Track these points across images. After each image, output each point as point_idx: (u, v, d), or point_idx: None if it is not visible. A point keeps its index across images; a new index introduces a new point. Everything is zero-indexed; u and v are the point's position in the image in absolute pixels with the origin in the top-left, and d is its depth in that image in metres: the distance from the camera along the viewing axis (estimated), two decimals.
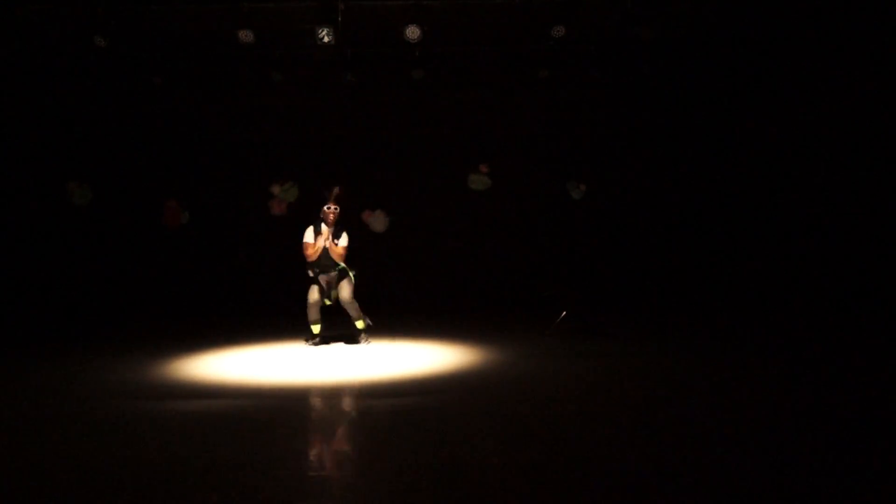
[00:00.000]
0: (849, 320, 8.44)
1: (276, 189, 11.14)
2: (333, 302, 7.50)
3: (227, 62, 8.99)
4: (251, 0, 7.42)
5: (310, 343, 7.51)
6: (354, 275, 7.45)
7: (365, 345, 7.50)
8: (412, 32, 7.81)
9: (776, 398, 4.85)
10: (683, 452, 3.63)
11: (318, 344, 7.51)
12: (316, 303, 7.36)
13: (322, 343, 7.57)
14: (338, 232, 7.39)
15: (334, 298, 7.47)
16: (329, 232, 7.31)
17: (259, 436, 4.10)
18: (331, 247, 7.31)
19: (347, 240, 7.43)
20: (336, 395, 5.41)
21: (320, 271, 7.37)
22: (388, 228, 11.25)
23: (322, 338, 7.57)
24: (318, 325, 7.50)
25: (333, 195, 7.42)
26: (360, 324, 7.58)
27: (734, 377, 5.63)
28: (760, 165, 10.56)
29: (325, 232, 7.30)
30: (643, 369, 5.99)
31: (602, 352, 6.93)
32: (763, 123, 10.46)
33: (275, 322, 9.40)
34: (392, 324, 9.20)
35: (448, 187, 11.34)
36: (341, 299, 7.43)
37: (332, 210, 7.33)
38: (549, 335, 8.04)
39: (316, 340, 7.52)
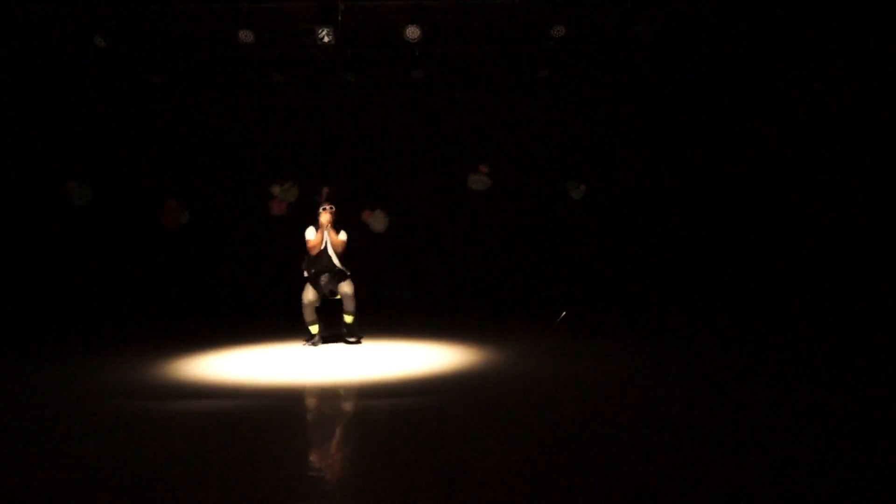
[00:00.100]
0: (849, 320, 8.44)
1: (276, 189, 11.13)
2: (333, 297, 7.51)
3: (227, 62, 9.00)
4: (251, 0, 7.42)
5: (309, 344, 7.51)
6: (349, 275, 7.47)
7: (353, 343, 7.49)
8: (412, 32, 7.81)
9: (776, 398, 4.85)
10: (683, 452, 3.63)
11: (318, 344, 7.51)
12: (311, 304, 7.38)
13: (321, 343, 7.57)
14: (336, 230, 7.45)
15: (332, 294, 7.47)
16: (330, 221, 7.33)
17: (259, 436, 4.09)
18: (332, 237, 7.34)
19: (346, 235, 7.49)
20: (336, 396, 5.41)
21: (317, 272, 7.37)
22: (388, 228, 11.25)
23: (322, 338, 7.58)
24: (316, 325, 7.50)
25: (324, 196, 7.47)
26: (350, 318, 7.57)
27: (734, 377, 5.63)
28: (760, 165, 10.56)
29: (326, 221, 7.31)
30: (643, 369, 5.99)
31: (602, 352, 6.93)
32: (763, 123, 10.46)
33: (275, 322, 9.40)
34: (392, 324, 9.21)
35: (448, 187, 11.34)
36: (342, 292, 7.43)
37: (329, 209, 7.36)
38: (549, 335, 8.04)
39: (315, 340, 7.52)
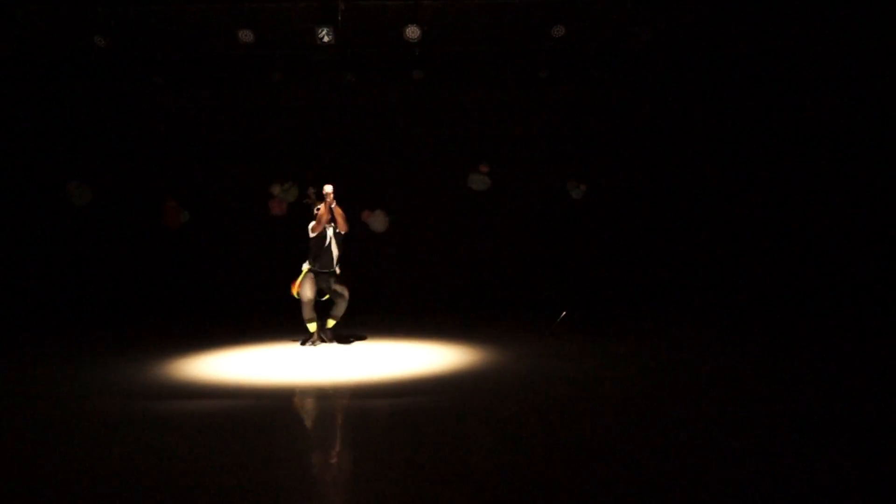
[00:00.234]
0: (849, 320, 8.45)
1: (276, 189, 11.13)
2: (321, 298, 7.52)
3: (227, 62, 9.00)
4: (251, 0, 7.42)
5: (308, 343, 7.51)
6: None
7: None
8: (412, 32, 7.81)
9: (776, 398, 4.85)
10: (683, 452, 3.63)
11: (316, 343, 7.51)
12: (310, 301, 7.38)
13: (319, 342, 7.57)
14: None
15: (323, 293, 7.49)
16: (330, 199, 7.32)
17: (259, 436, 4.10)
18: (339, 221, 7.34)
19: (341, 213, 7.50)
20: (335, 396, 5.40)
21: (320, 268, 7.38)
22: (388, 228, 11.25)
23: (319, 337, 7.57)
24: (314, 323, 7.49)
25: (313, 197, 7.48)
26: (332, 322, 7.59)
27: (734, 377, 5.63)
28: (760, 165, 10.57)
29: (326, 206, 7.29)
30: (643, 369, 5.99)
31: (602, 352, 6.93)
32: (763, 123, 10.47)
33: (274, 322, 9.39)
34: (392, 324, 9.21)
35: (448, 187, 11.34)
36: (339, 294, 7.43)
37: (329, 201, 7.33)
38: (549, 335, 8.04)
39: (314, 339, 7.51)
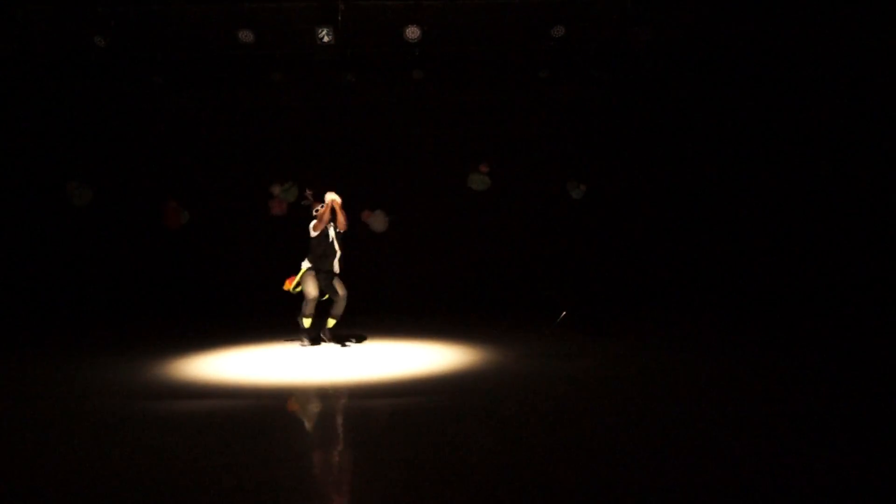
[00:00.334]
0: (849, 319, 8.44)
1: (276, 189, 11.13)
2: (322, 297, 7.53)
3: (227, 62, 9.00)
4: (251, 0, 7.42)
5: (308, 343, 7.50)
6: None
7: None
8: (412, 32, 7.81)
9: (776, 398, 4.85)
10: (683, 452, 3.63)
11: (315, 343, 7.51)
12: (314, 299, 7.37)
13: (318, 342, 7.57)
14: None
15: (326, 294, 7.49)
16: (338, 205, 7.31)
17: (259, 436, 4.10)
18: (340, 219, 7.32)
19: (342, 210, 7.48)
20: (335, 396, 5.41)
21: (321, 267, 7.39)
22: (388, 228, 11.25)
23: (313, 339, 7.56)
24: (309, 320, 7.49)
25: (311, 197, 7.48)
26: (332, 322, 7.59)
27: (734, 377, 5.63)
28: (760, 165, 10.57)
29: (328, 208, 7.27)
30: (643, 369, 5.99)
31: (602, 352, 6.93)
32: (763, 123, 10.47)
33: (274, 322, 9.39)
34: (392, 324, 9.21)
35: (448, 187, 11.34)
36: (338, 293, 7.43)
37: (338, 208, 7.32)
38: (549, 335, 8.04)
39: (312, 336, 7.52)
